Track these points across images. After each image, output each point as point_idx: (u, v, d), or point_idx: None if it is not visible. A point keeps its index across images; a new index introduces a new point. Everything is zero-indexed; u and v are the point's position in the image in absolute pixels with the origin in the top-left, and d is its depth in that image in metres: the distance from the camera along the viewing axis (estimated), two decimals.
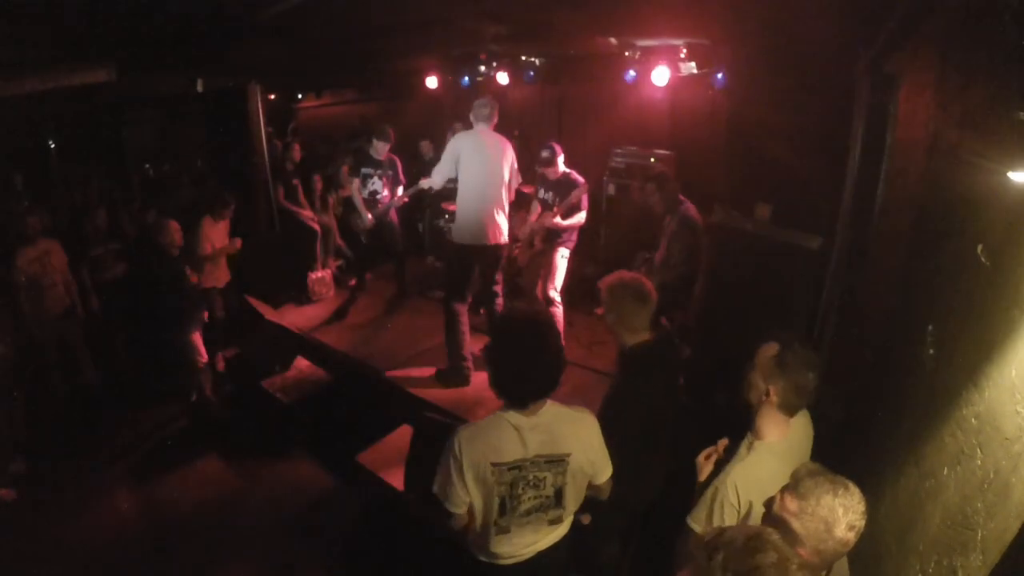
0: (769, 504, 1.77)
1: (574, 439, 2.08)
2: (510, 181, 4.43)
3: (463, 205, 4.36)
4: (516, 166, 4.46)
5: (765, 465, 1.87)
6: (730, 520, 1.90)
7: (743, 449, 2.02)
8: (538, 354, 1.98)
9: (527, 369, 1.98)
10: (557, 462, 2.06)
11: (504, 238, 4.44)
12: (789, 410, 1.99)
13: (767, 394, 1.99)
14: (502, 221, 4.39)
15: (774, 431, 2.00)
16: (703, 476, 2.25)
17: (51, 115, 7.76)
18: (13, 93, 5.73)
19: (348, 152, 7.92)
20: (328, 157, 8.09)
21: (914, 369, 2.32)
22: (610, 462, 2.19)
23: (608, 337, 2.52)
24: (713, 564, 1.41)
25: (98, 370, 5.62)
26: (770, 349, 2.02)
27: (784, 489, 1.72)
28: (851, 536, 1.62)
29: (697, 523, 2.02)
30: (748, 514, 1.89)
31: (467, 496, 2.03)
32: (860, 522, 1.62)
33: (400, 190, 5.90)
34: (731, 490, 1.91)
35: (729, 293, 3.89)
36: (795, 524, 1.64)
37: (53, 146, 8.51)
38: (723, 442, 2.35)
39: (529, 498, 2.07)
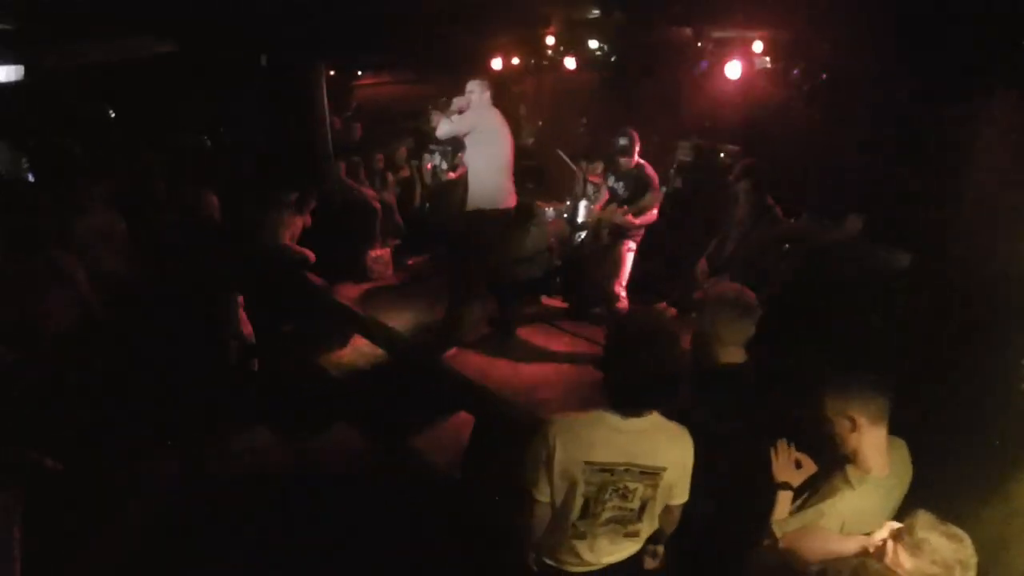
0: (880, 554, 1.73)
1: (672, 454, 2.03)
2: None
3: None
4: None
5: (872, 500, 1.86)
6: None
7: (853, 480, 1.96)
8: (658, 363, 1.89)
9: (645, 378, 1.90)
10: (652, 474, 2.00)
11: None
12: (880, 423, 1.96)
13: (853, 423, 1.94)
14: None
15: (876, 458, 1.95)
16: (796, 481, 2.16)
17: (112, 85, 7.93)
18: (78, 64, 5.88)
19: (407, 132, 7.96)
20: (387, 136, 8.11)
21: (1007, 403, 2.25)
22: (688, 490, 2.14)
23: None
24: None
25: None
26: (832, 397, 1.99)
27: (896, 539, 1.68)
28: None
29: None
30: None
31: (550, 490, 2.00)
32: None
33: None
34: (836, 521, 1.90)
35: (809, 308, 3.70)
36: None
37: (113, 115, 8.72)
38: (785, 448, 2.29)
39: (613, 507, 2.03)
